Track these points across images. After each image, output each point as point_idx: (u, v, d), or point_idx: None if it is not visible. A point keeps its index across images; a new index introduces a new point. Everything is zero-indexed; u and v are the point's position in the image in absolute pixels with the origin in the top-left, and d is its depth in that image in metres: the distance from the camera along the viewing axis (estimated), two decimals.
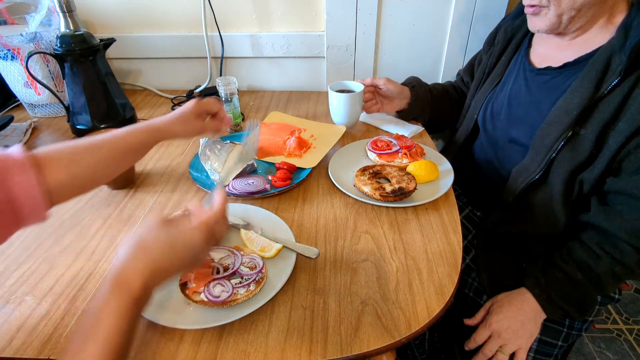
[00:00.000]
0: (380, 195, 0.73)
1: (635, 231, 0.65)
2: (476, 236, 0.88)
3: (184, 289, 0.55)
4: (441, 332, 0.99)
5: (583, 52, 0.70)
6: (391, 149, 0.87)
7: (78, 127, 1.00)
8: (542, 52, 0.79)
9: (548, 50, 0.78)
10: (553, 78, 0.75)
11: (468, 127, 0.94)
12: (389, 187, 0.75)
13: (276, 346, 0.51)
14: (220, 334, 0.52)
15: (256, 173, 0.85)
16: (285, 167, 0.82)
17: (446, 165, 0.85)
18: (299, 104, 1.20)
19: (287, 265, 0.60)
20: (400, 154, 0.86)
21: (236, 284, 0.55)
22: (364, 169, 0.81)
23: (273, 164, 0.87)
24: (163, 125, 0.65)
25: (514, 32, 0.86)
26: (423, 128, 1.03)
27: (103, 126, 0.99)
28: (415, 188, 0.75)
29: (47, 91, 1.01)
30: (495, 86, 0.88)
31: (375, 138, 0.91)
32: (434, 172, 0.81)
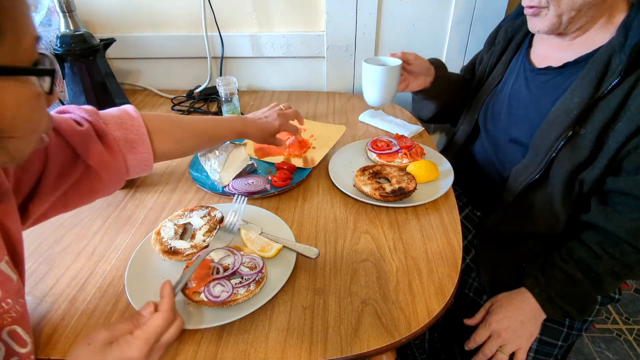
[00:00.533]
0: (380, 195, 0.73)
1: (635, 231, 0.65)
2: (476, 236, 0.88)
3: (184, 289, 0.55)
4: (441, 332, 0.99)
5: (583, 52, 0.70)
6: (391, 149, 0.87)
7: None
8: (543, 52, 0.79)
9: (548, 50, 0.78)
10: (553, 78, 0.75)
11: (469, 127, 0.94)
12: (389, 187, 0.75)
13: (276, 346, 0.51)
14: (220, 334, 0.52)
15: (256, 173, 0.85)
16: (285, 167, 0.82)
17: (446, 165, 0.85)
18: (299, 104, 1.20)
19: (287, 265, 0.60)
20: (400, 154, 0.86)
21: (236, 284, 0.55)
22: (364, 169, 0.81)
23: (273, 164, 0.87)
24: (249, 132, 0.75)
25: (515, 32, 0.86)
26: (423, 128, 1.03)
27: None
28: (415, 188, 0.75)
29: None
30: (495, 86, 0.88)
31: (375, 138, 0.91)
32: (434, 172, 0.81)
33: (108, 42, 1.02)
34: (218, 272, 0.57)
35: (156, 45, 1.23)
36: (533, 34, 0.83)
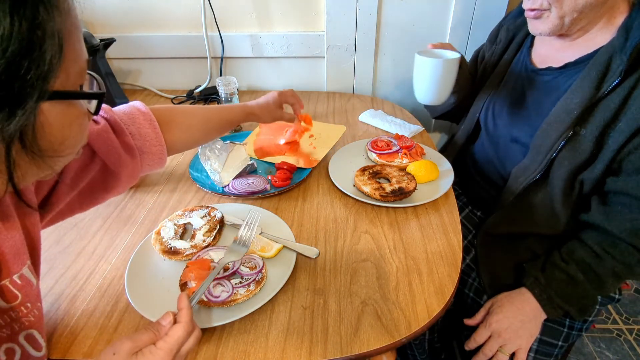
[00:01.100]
0: (380, 195, 0.73)
1: (635, 231, 0.65)
2: (476, 236, 0.88)
3: (184, 289, 0.55)
4: (441, 332, 0.99)
5: (584, 53, 0.70)
6: (391, 149, 0.87)
7: None
8: (543, 53, 0.79)
9: (549, 50, 0.78)
10: (554, 78, 0.75)
11: (470, 126, 0.94)
12: (389, 187, 0.75)
13: (276, 346, 0.51)
14: (220, 334, 0.52)
15: (256, 173, 0.85)
16: (285, 167, 0.82)
17: (446, 165, 0.85)
18: None
19: (287, 265, 0.60)
20: (400, 154, 0.86)
21: (236, 284, 0.55)
22: (364, 169, 0.81)
23: (273, 164, 0.87)
24: (254, 110, 0.76)
25: (516, 31, 0.86)
26: (423, 128, 1.03)
27: None
28: (415, 188, 0.75)
29: None
30: (497, 85, 0.88)
31: (375, 138, 0.91)
32: (434, 172, 0.81)
33: (108, 42, 1.02)
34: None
35: (156, 45, 1.23)
36: None
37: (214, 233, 0.65)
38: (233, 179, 0.80)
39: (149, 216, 0.74)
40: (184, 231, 0.67)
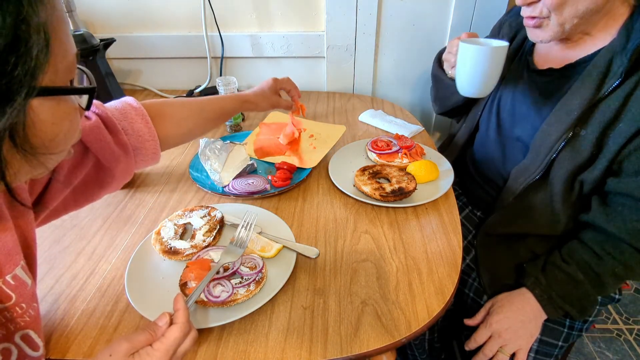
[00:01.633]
0: (380, 195, 0.73)
1: (635, 232, 0.65)
2: (476, 236, 0.88)
3: (184, 289, 0.55)
4: (441, 332, 0.99)
5: (584, 54, 0.70)
6: (391, 149, 0.87)
7: None
8: (544, 54, 0.79)
9: (550, 51, 0.77)
10: (554, 79, 0.74)
11: (471, 126, 0.94)
12: (389, 187, 0.75)
13: (276, 346, 0.51)
14: (220, 334, 0.52)
15: (256, 173, 0.85)
16: (285, 167, 0.82)
17: (446, 165, 0.85)
18: None
19: (287, 265, 0.60)
20: (400, 154, 0.86)
21: (236, 284, 0.55)
22: (364, 169, 0.81)
23: (273, 164, 0.87)
24: (249, 97, 0.76)
25: (518, 28, 0.86)
26: (423, 128, 1.03)
27: None
28: (415, 188, 0.75)
29: None
30: (498, 84, 0.87)
31: (375, 138, 0.91)
32: (434, 172, 0.81)
33: (108, 42, 1.02)
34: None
35: (156, 45, 1.23)
36: None
37: (214, 233, 0.65)
38: (233, 179, 0.80)
39: (149, 216, 0.74)
40: (184, 231, 0.67)
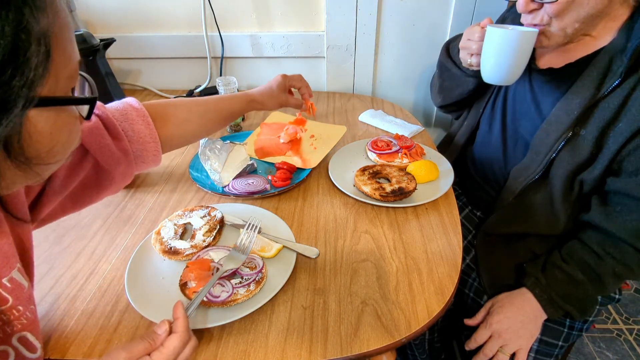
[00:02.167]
0: (380, 195, 0.73)
1: (635, 231, 0.65)
2: (476, 236, 0.88)
3: (184, 289, 0.55)
4: (441, 332, 0.99)
5: (585, 54, 0.70)
6: (391, 149, 0.87)
7: None
8: (545, 53, 0.79)
9: (550, 51, 0.77)
10: (554, 79, 0.74)
11: (471, 125, 0.94)
12: (389, 187, 0.75)
13: (276, 346, 0.51)
14: (220, 334, 0.52)
15: (256, 173, 0.85)
16: (285, 167, 0.82)
17: (446, 165, 0.85)
18: None
19: (287, 265, 0.60)
20: (400, 154, 0.86)
21: (236, 284, 0.55)
22: (364, 169, 0.81)
23: (273, 164, 0.87)
24: (256, 96, 0.74)
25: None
26: (423, 128, 1.03)
27: None
28: (415, 188, 0.75)
29: None
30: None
31: (375, 138, 0.91)
32: (434, 172, 0.81)
33: (108, 42, 1.02)
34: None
35: (156, 45, 1.23)
36: None
37: (214, 233, 0.65)
38: (233, 179, 0.80)
39: (149, 216, 0.74)
40: (184, 231, 0.67)
